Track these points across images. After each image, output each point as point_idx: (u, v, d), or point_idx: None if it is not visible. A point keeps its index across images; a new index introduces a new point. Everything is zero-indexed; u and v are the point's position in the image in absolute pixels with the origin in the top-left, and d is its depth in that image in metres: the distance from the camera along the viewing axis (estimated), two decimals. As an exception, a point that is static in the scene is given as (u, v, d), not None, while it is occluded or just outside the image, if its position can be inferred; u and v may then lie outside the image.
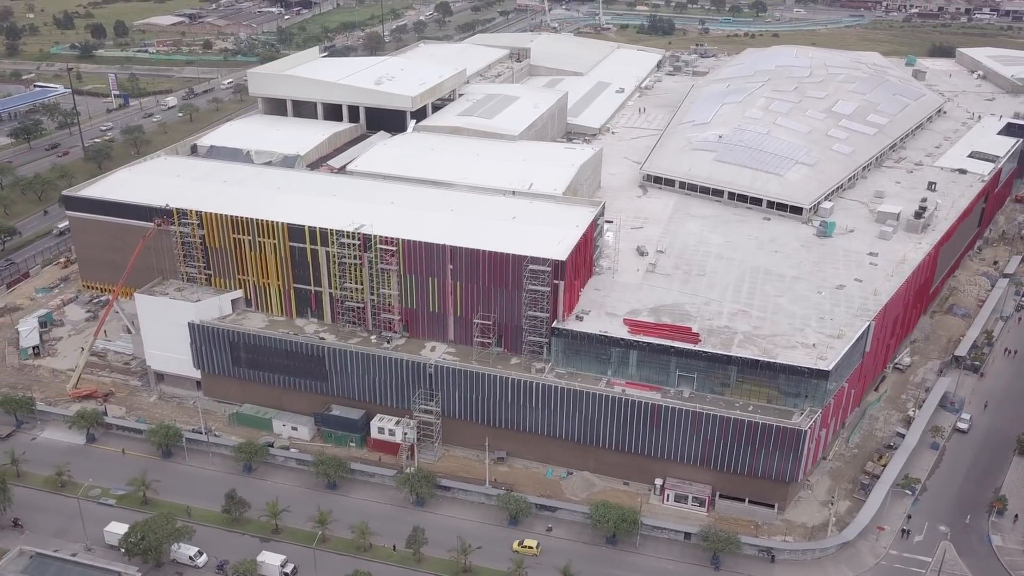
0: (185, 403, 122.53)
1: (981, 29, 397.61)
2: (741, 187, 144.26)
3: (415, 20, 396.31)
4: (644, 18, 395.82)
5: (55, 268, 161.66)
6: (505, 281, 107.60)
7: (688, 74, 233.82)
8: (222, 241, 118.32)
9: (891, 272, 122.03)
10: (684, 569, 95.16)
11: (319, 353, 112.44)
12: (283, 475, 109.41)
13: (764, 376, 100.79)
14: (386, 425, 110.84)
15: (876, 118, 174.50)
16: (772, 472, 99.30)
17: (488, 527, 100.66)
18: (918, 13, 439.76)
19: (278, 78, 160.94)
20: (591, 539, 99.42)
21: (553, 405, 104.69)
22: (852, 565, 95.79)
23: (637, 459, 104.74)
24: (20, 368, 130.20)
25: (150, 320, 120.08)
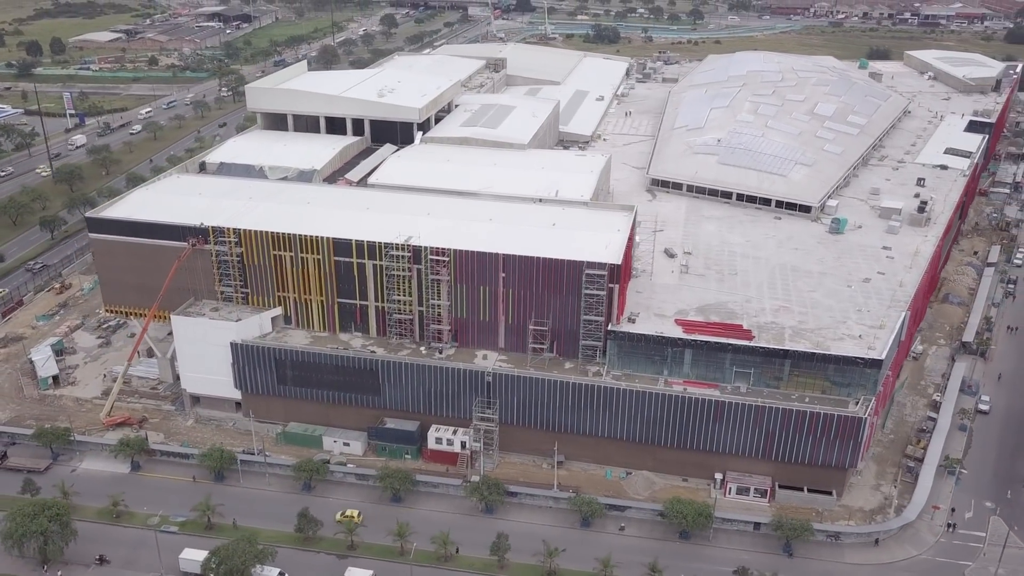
0: (224, 425, 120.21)
1: (906, 33, 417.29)
2: (749, 188, 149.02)
3: (361, 33, 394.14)
4: (589, 27, 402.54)
5: (50, 295, 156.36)
6: (559, 287, 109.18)
7: (658, 81, 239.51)
8: (262, 258, 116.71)
9: (909, 264, 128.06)
10: (758, 559, 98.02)
11: (372, 367, 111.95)
12: (344, 491, 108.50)
13: (817, 368, 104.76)
14: (444, 435, 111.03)
15: (856, 119, 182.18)
16: (832, 460, 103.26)
17: (561, 530, 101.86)
18: (845, 18, 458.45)
19: (278, 92, 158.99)
20: (664, 535, 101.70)
21: (614, 407, 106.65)
22: (914, 544, 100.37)
23: (697, 455, 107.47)
24: (41, 399, 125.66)
25: (187, 342, 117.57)
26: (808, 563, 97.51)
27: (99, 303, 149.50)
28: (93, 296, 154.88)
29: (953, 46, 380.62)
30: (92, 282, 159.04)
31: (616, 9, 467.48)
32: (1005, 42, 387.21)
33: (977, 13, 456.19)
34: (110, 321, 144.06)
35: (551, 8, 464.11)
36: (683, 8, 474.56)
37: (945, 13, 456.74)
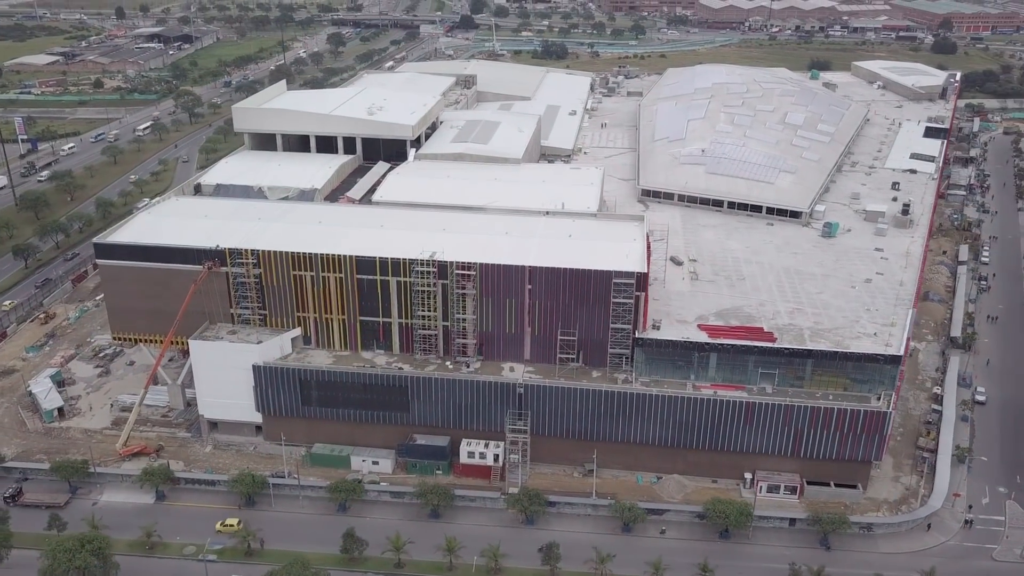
0: (244, 450, 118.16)
1: (839, 44, 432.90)
2: (739, 196, 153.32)
3: (302, 52, 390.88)
4: (536, 44, 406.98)
5: (34, 325, 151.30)
6: (586, 296, 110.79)
7: (623, 95, 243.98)
8: (281, 279, 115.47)
9: (904, 264, 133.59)
10: (797, 553, 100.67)
11: (402, 383, 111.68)
12: (380, 510, 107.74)
13: (838, 367, 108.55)
14: (476, 449, 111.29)
15: (825, 127, 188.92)
16: (858, 454, 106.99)
17: (603, 537, 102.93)
18: (778, 31, 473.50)
19: (267, 112, 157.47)
20: (704, 536, 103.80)
21: (646, 412, 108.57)
22: (941, 530, 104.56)
23: (726, 456, 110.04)
24: (47, 432, 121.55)
25: (205, 367, 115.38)
26: (846, 555, 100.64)
27: (89, 331, 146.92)
28: (81, 324, 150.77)
29: (885, 56, 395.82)
30: (78, 311, 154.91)
31: (559, 26, 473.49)
32: (932, 52, 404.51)
33: (901, 25, 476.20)
34: (107, 349, 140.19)
35: (490, 25, 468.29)
36: (622, 24, 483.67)
37: (872, 25, 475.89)
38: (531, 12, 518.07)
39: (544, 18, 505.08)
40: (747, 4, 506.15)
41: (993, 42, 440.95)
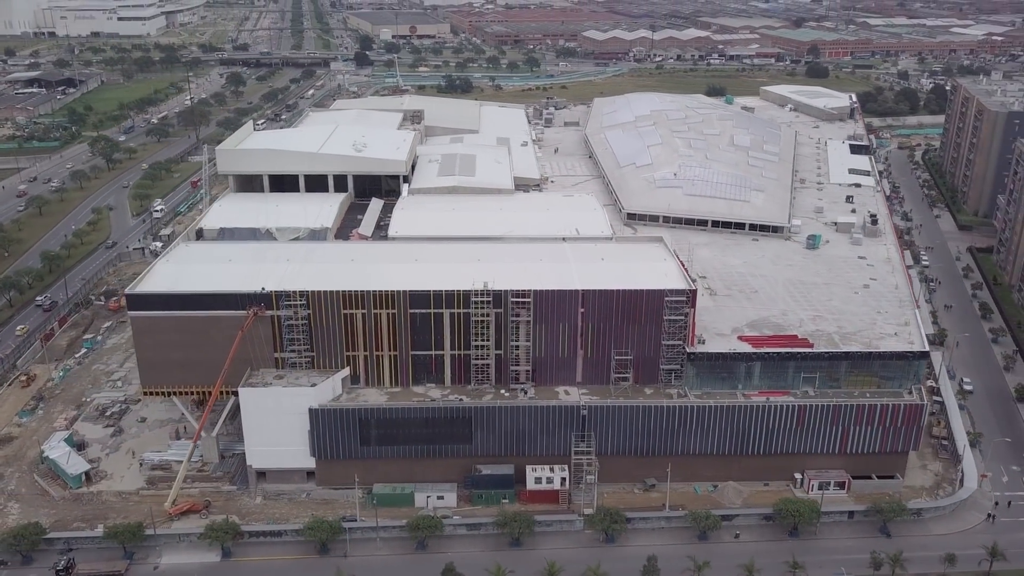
0: (296, 498, 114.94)
1: (722, 71, 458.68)
2: (721, 215, 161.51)
3: (212, 93, 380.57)
4: (441, 78, 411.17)
5: (15, 389, 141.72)
6: (638, 316, 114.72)
7: (560, 125, 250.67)
8: (331, 319, 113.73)
9: (891, 270, 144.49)
10: (862, 543, 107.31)
11: (465, 415, 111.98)
12: (459, 544, 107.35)
13: (870, 366, 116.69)
14: (543, 474, 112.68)
15: (770, 148, 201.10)
16: (898, 446, 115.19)
17: (682, 547, 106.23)
18: (662, 60, 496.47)
19: (254, 153, 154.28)
20: (774, 536, 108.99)
21: (705, 424, 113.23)
22: (979, 509, 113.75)
23: (777, 459, 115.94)
24: (76, 498, 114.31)
25: (256, 415, 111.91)
26: (905, 539, 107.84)
27: (81, 390, 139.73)
28: (68, 384, 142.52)
29: (767, 81, 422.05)
30: (61, 370, 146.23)
31: (455, 60, 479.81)
32: (807, 76, 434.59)
33: (773, 52, 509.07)
34: (111, 407, 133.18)
35: (389, 61, 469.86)
36: (513, 57, 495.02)
37: (747, 53, 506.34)
38: (422, 48, 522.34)
39: (435, 53, 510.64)
40: (629, 36, 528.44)
41: (850, 65, 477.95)
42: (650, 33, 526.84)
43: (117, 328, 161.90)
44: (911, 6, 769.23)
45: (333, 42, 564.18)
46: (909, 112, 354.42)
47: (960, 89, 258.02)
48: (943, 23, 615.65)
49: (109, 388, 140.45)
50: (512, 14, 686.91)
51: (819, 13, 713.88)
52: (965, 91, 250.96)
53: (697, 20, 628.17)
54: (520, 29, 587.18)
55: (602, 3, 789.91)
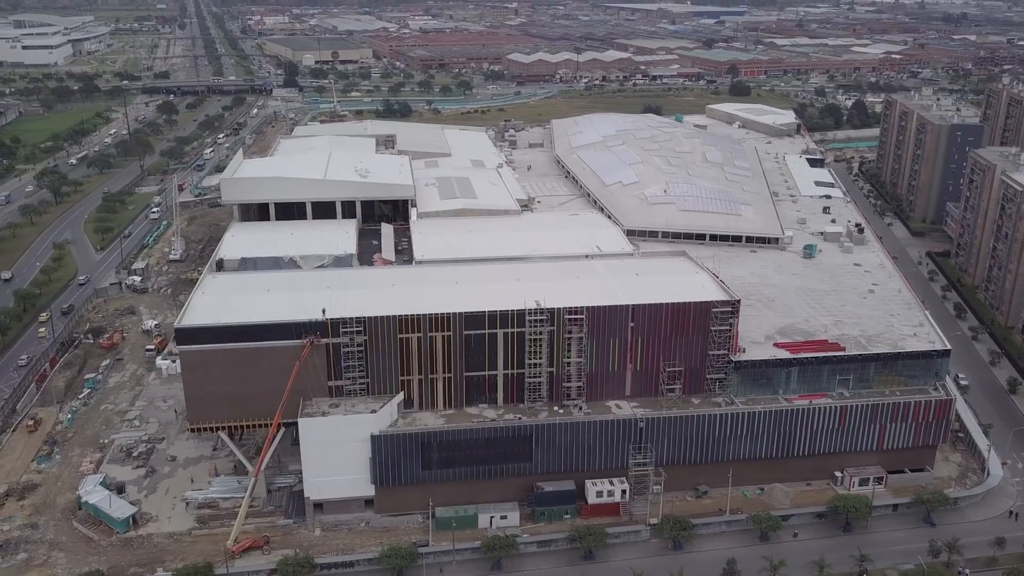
0: (356, 527, 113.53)
1: (649, 91, 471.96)
2: (718, 228, 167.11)
3: (148, 121, 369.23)
4: (379, 103, 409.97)
5: (22, 435, 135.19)
6: (685, 328, 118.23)
7: (525, 147, 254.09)
8: (387, 344, 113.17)
9: (888, 275, 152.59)
10: (910, 533, 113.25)
11: (526, 433, 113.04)
12: (532, 562, 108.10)
13: (898, 366, 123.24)
14: (604, 488, 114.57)
15: (741, 163, 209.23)
16: (929, 440, 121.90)
17: (747, 548, 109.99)
18: (589, 82, 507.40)
19: (260, 182, 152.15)
20: (830, 532, 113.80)
21: (754, 430, 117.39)
22: (1006, 494, 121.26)
23: (819, 459, 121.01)
24: (125, 543, 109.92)
25: (315, 445, 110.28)
26: (949, 527, 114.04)
27: (95, 431, 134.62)
28: (80, 427, 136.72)
29: (693, 100, 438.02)
30: (69, 412, 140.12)
31: (386, 85, 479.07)
32: (730, 95, 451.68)
33: (693, 72, 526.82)
34: (136, 448, 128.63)
35: (320, 87, 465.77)
36: (442, 81, 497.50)
37: (669, 73, 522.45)
38: (348, 73, 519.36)
39: (364, 78, 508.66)
40: (553, 58, 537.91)
41: (768, 84, 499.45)
42: (575, 56, 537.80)
43: (115, 366, 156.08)
44: (808, 27, 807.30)
45: (254, 68, 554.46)
46: (834, 127, 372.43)
47: (896, 104, 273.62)
48: (844, 43, 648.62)
49: (127, 428, 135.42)
50: (431, 38, 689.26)
51: (725, 34, 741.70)
52: (902, 106, 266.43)
53: (613, 42, 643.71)
54: (443, 53, 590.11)
55: (517, 27, 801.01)
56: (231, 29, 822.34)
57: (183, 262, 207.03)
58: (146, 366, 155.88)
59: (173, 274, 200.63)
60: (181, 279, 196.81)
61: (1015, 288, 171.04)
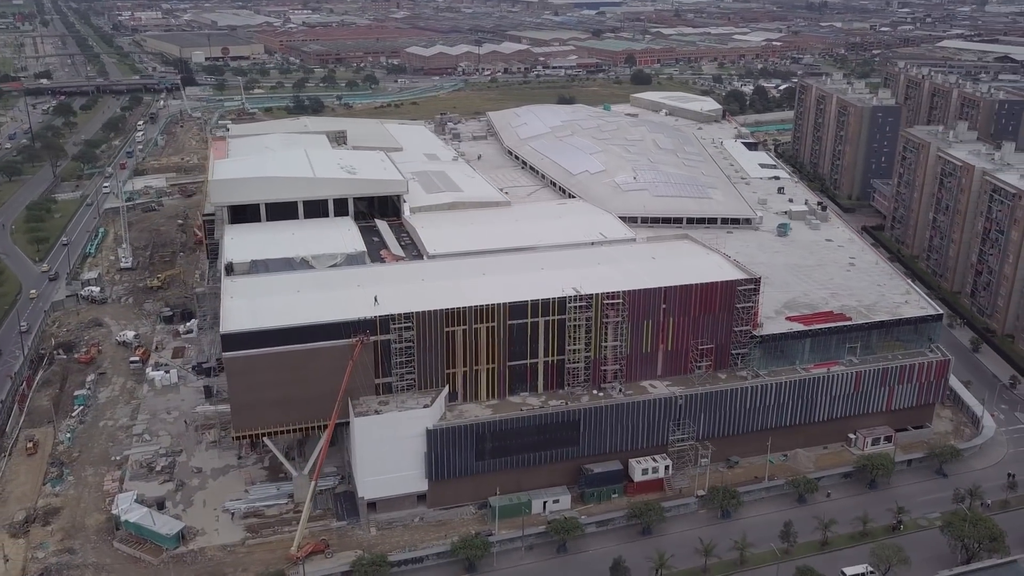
0: (410, 523, 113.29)
1: (552, 82, 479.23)
2: (693, 212, 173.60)
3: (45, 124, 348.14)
4: (289, 100, 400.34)
5: (22, 458, 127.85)
6: (713, 306, 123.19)
7: (469, 139, 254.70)
8: (434, 338, 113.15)
9: (861, 248, 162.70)
10: (926, 485, 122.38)
11: (574, 418, 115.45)
12: (594, 541, 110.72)
13: (898, 332, 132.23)
14: (649, 465, 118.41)
15: (691, 149, 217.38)
16: (929, 398, 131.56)
17: (789, 511, 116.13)
18: (491, 74, 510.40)
19: (250, 182, 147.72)
20: (858, 490, 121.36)
21: (780, 400, 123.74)
22: (999, 443, 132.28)
23: (836, 424, 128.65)
24: (178, 560, 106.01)
25: (369, 444, 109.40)
26: (959, 476, 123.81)
27: (103, 448, 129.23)
28: (83, 445, 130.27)
29: (599, 90, 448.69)
30: (67, 431, 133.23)
31: (290, 80, 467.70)
32: (632, 83, 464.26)
33: (591, 62, 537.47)
34: (155, 462, 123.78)
35: (220, 84, 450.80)
36: (344, 76, 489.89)
37: (568, 64, 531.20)
38: (247, 69, 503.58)
39: (263, 75, 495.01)
40: (453, 51, 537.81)
41: (665, 72, 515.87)
42: (476, 48, 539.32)
43: (100, 381, 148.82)
44: (685, 16, 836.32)
45: (139, 67, 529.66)
46: (739, 112, 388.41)
47: (812, 88, 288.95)
48: (725, 31, 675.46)
49: (138, 443, 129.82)
50: (320, 32, 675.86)
51: (610, 24, 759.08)
52: (819, 90, 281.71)
53: (506, 34, 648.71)
54: (339, 47, 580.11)
55: (403, 20, 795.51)
56: (99, 26, 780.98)
57: (135, 270, 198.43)
58: (134, 378, 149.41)
59: (129, 283, 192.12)
60: (139, 287, 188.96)
61: (959, 256, 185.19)
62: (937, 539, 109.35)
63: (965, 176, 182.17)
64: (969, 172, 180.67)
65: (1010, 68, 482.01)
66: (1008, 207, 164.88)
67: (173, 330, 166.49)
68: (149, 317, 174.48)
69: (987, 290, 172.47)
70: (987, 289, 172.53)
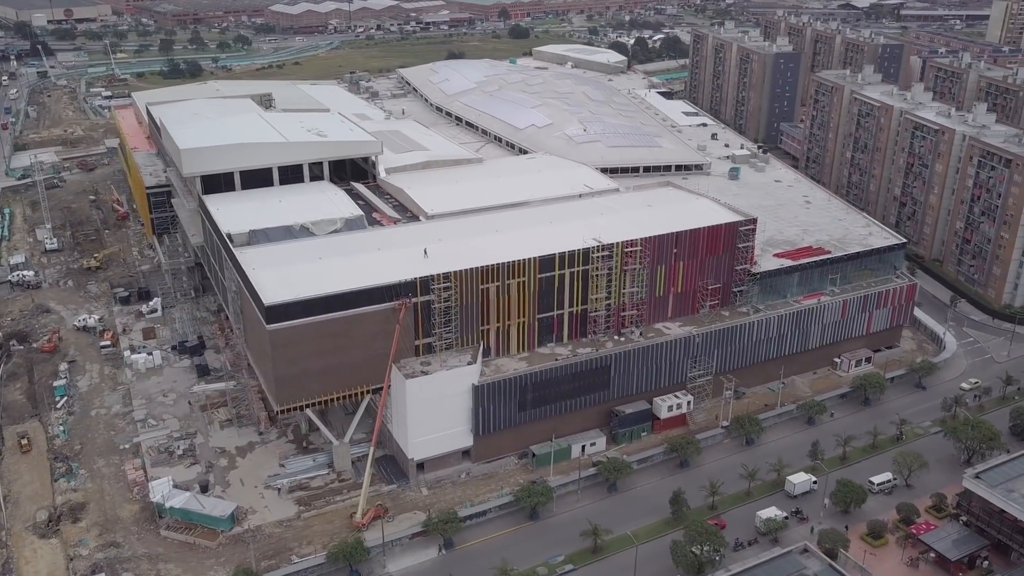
0: (458, 480, 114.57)
1: (430, 38, 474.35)
2: (647, 160, 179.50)
3: None
4: (163, 64, 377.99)
5: (16, 455, 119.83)
6: (717, 248, 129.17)
7: (388, 97, 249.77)
8: (470, 296, 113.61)
9: (810, 186, 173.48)
10: (910, 399, 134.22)
11: (605, 363, 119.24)
12: (640, 477, 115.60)
13: (869, 261, 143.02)
14: (673, 402, 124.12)
15: (619, 99, 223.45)
16: (900, 320, 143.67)
17: (802, 432, 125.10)
18: (364, 31, 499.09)
19: (223, 150, 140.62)
20: (855, 408, 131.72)
21: (781, 331, 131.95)
22: (959, 356, 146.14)
23: (823, 350, 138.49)
24: (237, 540, 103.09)
25: (419, 405, 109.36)
26: (936, 387, 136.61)
27: (106, 438, 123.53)
28: (84, 438, 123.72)
29: (480, 44, 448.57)
30: (61, 423, 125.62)
31: (154, 44, 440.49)
32: (511, 38, 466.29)
33: (464, 17, 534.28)
34: (172, 446, 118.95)
35: (77, 49, 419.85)
36: (212, 37, 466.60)
37: (441, 20, 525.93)
38: (101, 33, 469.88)
39: (120, 37, 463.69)
40: (321, 8, 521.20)
41: (540, 25, 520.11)
42: (346, 5, 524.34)
43: (74, 369, 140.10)
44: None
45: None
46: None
47: (708, 37, 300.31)
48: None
49: (144, 429, 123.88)
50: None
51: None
52: (717, 39, 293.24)
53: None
54: (195, 7, 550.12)
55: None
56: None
57: (63, 251, 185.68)
58: (110, 364, 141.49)
59: (60, 265, 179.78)
60: (74, 269, 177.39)
61: (880, 190, 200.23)
62: (937, 443, 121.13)
63: (884, 116, 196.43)
64: (888, 112, 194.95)
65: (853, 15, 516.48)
66: (932, 142, 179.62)
67: (135, 311, 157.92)
68: (99, 299, 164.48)
69: (912, 219, 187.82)
70: (912, 219, 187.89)
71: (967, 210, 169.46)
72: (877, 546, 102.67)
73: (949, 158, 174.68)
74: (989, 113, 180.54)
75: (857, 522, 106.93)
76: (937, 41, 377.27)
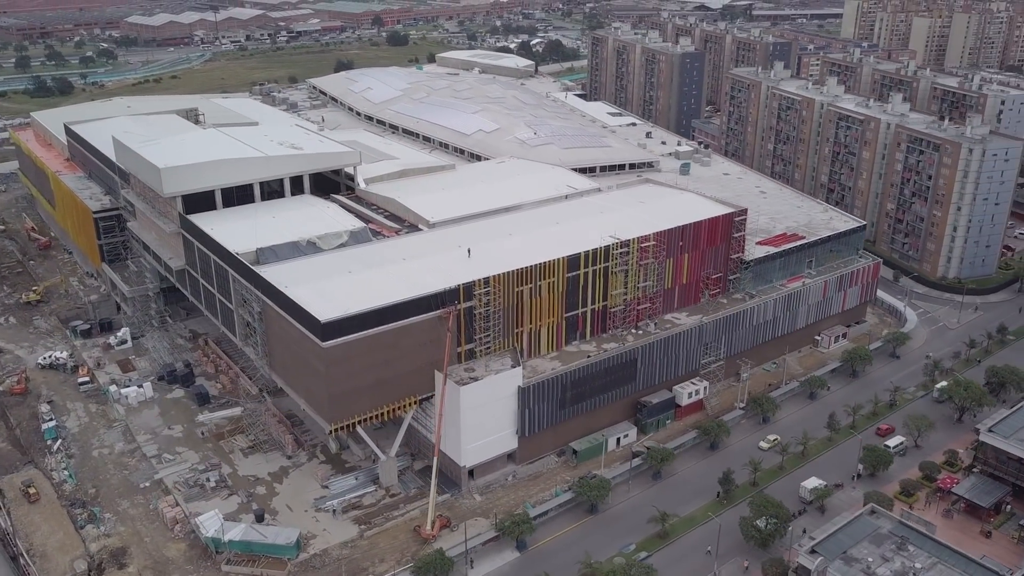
0: (506, 483, 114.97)
1: (307, 47, 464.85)
2: (602, 160, 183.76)
3: None
4: (27, 82, 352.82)
5: (23, 504, 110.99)
6: (716, 239, 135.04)
7: (307, 108, 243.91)
8: (507, 300, 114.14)
9: (757, 179, 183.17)
10: (889, 368, 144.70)
11: (632, 356, 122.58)
12: (678, 464, 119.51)
13: (836, 244, 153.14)
14: (692, 389, 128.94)
15: (548, 103, 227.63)
16: (867, 297, 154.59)
17: (808, 407, 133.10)
18: (233, 43, 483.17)
19: (203, 167, 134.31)
20: (846, 381, 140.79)
21: (776, 314, 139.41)
22: (920, 328, 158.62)
23: (807, 329, 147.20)
24: (306, 567, 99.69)
25: (471, 412, 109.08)
26: (905, 355, 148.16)
27: (120, 478, 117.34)
28: (96, 480, 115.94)
29: (361, 52, 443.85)
30: (66, 469, 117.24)
31: (7, 61, 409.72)
32: (390, 45, 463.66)
33: (336, 26, 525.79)
34: (200, 479, 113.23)
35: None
36: (69, 52, 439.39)
37: (312, 28, 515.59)
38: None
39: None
40: (184, 20, 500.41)
41: (418, 32, 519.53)
42: (212, 15, 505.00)
43: (55, 408, 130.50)
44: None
45: None
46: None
47: (608, 40, 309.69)
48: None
49: (161, 465, 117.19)
50: (7, 4, 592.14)
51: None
52: (618, 41, 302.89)
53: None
54: (40, 20, 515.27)
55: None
56: None
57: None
58: (94, 400, 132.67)
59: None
60: (11, 304, 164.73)
61: (805, 178, 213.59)
62: (925, 405, 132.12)
63: (806, 108, 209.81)
64: (810, 105, 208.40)
65: (711, 16, 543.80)
66: (858, 131, 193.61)
67: (101, 343, 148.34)
68: (52, 335, 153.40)
69: (841, 204, 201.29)
70: (841, 203, 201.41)
71: (898, 192, 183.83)
72: (910, 503, 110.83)
73: (876, 145, 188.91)
74: (904, 103, 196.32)
75: (884, 484, 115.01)
76: (802, 39, 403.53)
